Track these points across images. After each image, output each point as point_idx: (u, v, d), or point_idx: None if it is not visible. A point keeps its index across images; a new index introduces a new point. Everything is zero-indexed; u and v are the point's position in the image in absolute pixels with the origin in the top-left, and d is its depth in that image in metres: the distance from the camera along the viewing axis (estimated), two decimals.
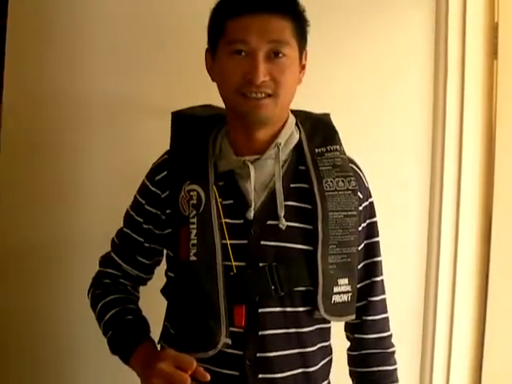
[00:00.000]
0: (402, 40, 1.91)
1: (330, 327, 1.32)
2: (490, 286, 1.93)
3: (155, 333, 1.34)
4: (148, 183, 1.33)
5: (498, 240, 1.92)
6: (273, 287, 1.21)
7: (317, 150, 1.29)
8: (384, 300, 1.35)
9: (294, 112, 1.33)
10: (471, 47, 1.91)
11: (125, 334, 1.28)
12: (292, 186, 1.26)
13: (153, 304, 1.35)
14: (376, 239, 1.33)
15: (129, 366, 1.26)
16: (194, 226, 1.22)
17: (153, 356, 1.18)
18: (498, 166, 1.92)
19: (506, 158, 1.92)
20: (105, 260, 1.41)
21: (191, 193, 1.24)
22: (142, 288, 1.43)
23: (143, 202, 1.33)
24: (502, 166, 1.92)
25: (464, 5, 1.90)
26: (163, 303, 1.36)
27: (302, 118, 1.34)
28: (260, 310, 1.22)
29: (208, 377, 1.12)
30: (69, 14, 1.87)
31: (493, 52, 1.93)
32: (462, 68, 1.91)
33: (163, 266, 1.37)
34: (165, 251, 1.36)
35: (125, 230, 1.38)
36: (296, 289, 1.22)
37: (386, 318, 1.35)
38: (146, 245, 1.35)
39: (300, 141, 1.30)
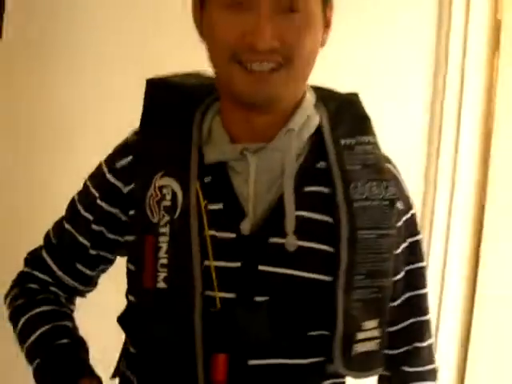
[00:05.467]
0: (405, 36, 1.88)
1: (344, 382, 0.97)
2: None
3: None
4: (105, 169, 0.98)
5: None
6: (271, 333, 0.86)
7: (343, 142, 0.93)
8: (431, 346, 1.02)
9: (314, 88, 0.97)
10: (473, 43, 1.90)
11: (58, 367, 0.95)
12: (307, 189, 0.90)
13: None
14: (421, 264, 0.99)
15: None
16: (165, 239, 0.87)
17: None
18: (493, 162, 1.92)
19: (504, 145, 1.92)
20: (34, 259, 1.06)
21: (164, 190, 0.89)
22: None
23: (96, 194, 0.98)
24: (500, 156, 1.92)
25: (468, 1, 1.89)
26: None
27: (325, 96, 0.97)
28: (250, 363, 0.87)
29: None
30: None
31: (495, 48, 1.93)
32: (463, 62, 1.89)
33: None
34: (125, 263, 0.99)
35: (66, 225, 1.02)
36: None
37: (433, 370, 1.03)
38: (93, 252, 1.00)
39: (320, 127, 0.94)
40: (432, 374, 1.02)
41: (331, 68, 1.46)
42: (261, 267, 0.87)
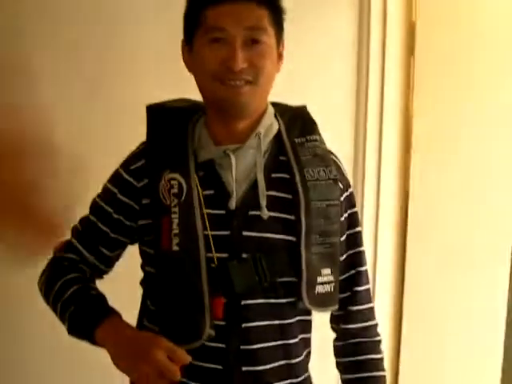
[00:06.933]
0: (328, 37, 2.06)
1: (311, 319, 1.30)
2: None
3: None
4: (122, 171, 1.29)
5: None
6: (257, 278, 1.19)
7: (296, 140, 1.28)
8: (368, 290, 1.36)
9: (272, 104, 1.32)
10: (391, 44, 2.10)
11: (91, 307, 1.20)
12: (273, 176, 1.25)
13: None
14: (358, 229, 1.33)
15: (91, 343, 1.17)
16: (176, 216, 1.19)
17: (141, 338, 1.13)
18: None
19: (422, 148, 2.16)
20: (63, 246, 1.34)
21: (172, 181, 1.21)
22: None
23: (115, 190, 1.28)
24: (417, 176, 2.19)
25: (384, 4, 2.07)
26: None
27: (280, 109, 1.33)
28: (243, 302, 1.19)
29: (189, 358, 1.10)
30: None
31: (410, 49, 2.13)
32: (382, 64, 2.10)
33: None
34: (138, 245, 1.30)
35: (91, 217, 1.32)
36: (279, 280, 1.21)
37: (372, 308, 1.36)
38: (112, 235, 1.29)
39: (279, 131, 1.29)
40: (371, 311, 1.36)
41: None
42: (244, 233, 1.20)
